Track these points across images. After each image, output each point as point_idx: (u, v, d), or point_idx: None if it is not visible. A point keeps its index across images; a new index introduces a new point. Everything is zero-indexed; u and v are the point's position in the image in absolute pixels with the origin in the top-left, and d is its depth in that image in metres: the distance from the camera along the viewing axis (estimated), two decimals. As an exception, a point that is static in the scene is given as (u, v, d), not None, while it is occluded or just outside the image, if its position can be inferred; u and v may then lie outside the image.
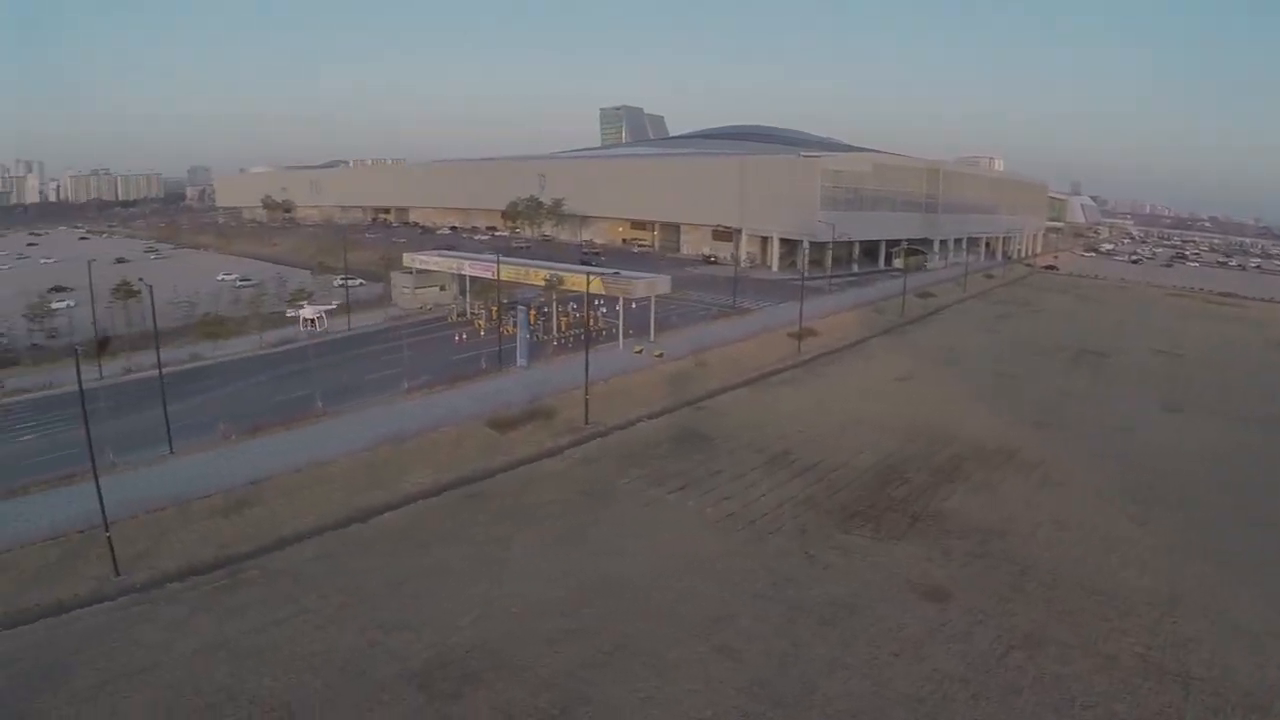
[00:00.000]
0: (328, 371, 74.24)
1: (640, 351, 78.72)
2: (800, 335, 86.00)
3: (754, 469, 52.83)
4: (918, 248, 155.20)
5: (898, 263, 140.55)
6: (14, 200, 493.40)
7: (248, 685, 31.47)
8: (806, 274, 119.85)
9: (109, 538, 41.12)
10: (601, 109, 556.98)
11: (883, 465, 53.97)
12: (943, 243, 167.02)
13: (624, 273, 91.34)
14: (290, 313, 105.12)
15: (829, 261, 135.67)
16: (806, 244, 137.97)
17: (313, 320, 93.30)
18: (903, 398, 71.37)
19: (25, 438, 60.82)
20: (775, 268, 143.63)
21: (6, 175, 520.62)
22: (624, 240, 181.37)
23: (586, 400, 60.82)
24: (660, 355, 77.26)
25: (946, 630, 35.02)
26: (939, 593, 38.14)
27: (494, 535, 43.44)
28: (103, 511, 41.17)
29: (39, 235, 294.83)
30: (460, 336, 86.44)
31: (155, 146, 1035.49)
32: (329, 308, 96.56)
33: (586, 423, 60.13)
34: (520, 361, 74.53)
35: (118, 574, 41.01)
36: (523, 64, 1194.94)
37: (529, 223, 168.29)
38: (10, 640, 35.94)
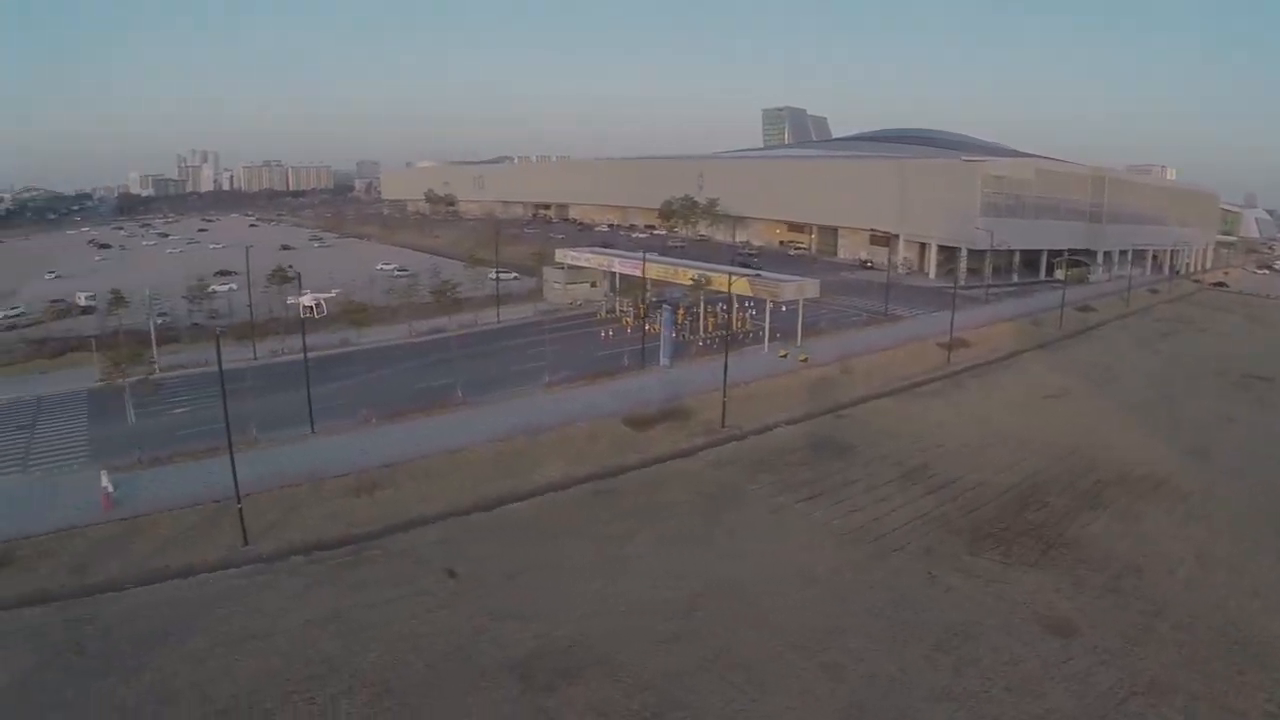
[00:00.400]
0: (472, 362, 77.92)
1: (785, 355, 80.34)
2: (951, 345, 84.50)
3: (888, 482, 52.84)
4: (1080, 259, 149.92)
5: (1059, 274, 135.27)
6: (189, 189, 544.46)
7: (353, 659, 33.61)
8: (963, 282, 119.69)
9: (240, 509, 45.25)
10: (764, 110, 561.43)
11: (1022, 486, 52.18)
12: (1106, 254, 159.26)
13: (772, 274, 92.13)
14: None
15: (988, 270, 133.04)
16: (964, 251, 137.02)
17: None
18: (1052, 416, 69.28)
19: (177, 411, 66.86)
20: (932, 275, 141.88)
21: (184, 165, 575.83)
22: (781, 243, 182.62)
23: (724, 402, 62.01)
24: (805, 360, 78.24)
25: (1066, 668, 33.86)
26: (1064, 627, 36.52)
27: (616, 532, 44.58)
28: (235, 484, 45.33)
29: (210, 221, 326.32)
30: (607, 333, 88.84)
31: (326, 141, 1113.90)
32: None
33: (723, 425, 61.28)
34: (663, 361, 75.79)
35: (246, 543, 44.90)
36: (687, 64, 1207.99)
37: (684, 222, 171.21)
38: (139, 597, 40.00)
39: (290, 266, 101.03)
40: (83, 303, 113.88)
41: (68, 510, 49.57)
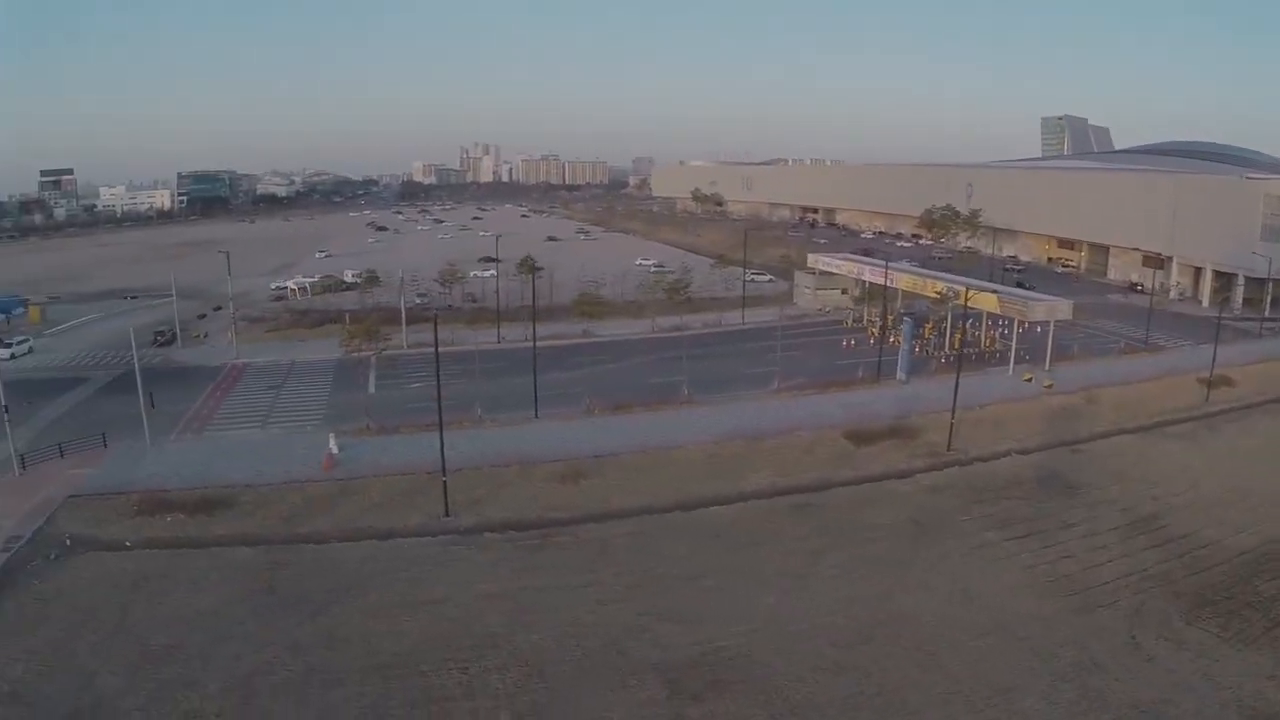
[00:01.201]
0: (707, 361, 79.49)
1: (1029, 379, 77.02)
2: (1211, 383, 75.81)
3: (1111, 529, 48.57)
4: None
5: None
6: (469, 179, 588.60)
7: (514, 638, 35.57)
8: (1236, 313, 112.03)
9: (445, 482, 49.27)
10: (1043, 118, 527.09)
11: (1260, 551, 45.60)
12: None
13: (1021, 293, 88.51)
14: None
15: (1266, 301, 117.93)
16: (1241, 279, 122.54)
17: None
18: (1313, 476, 59.83)
19: (413, 385, 72.81)
20: (1205, 303, 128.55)
21: (466, 156, 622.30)
22: (1049, 259, 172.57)
23: (953, 425, 60.50)
24: (1050, 386, 74.69)
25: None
26: (1270, 724, 31.85)
27: (807, 548, 43.98)
28: (442, 458, 49.32)
29: (485, 210, 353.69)
30: (849, 342, 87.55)
31: (605, 137, 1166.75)
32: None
33: (949, 448, 59.59)
34: (899, 375, 73.81)
35: (447, 514, 48.74)
36: (964, 68, 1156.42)
37: (944, 232, 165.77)
38: (336, 551, 44.59)
39: (531, 257, 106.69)
40: (349, 280, 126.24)
41: (292, 465, 55.86)
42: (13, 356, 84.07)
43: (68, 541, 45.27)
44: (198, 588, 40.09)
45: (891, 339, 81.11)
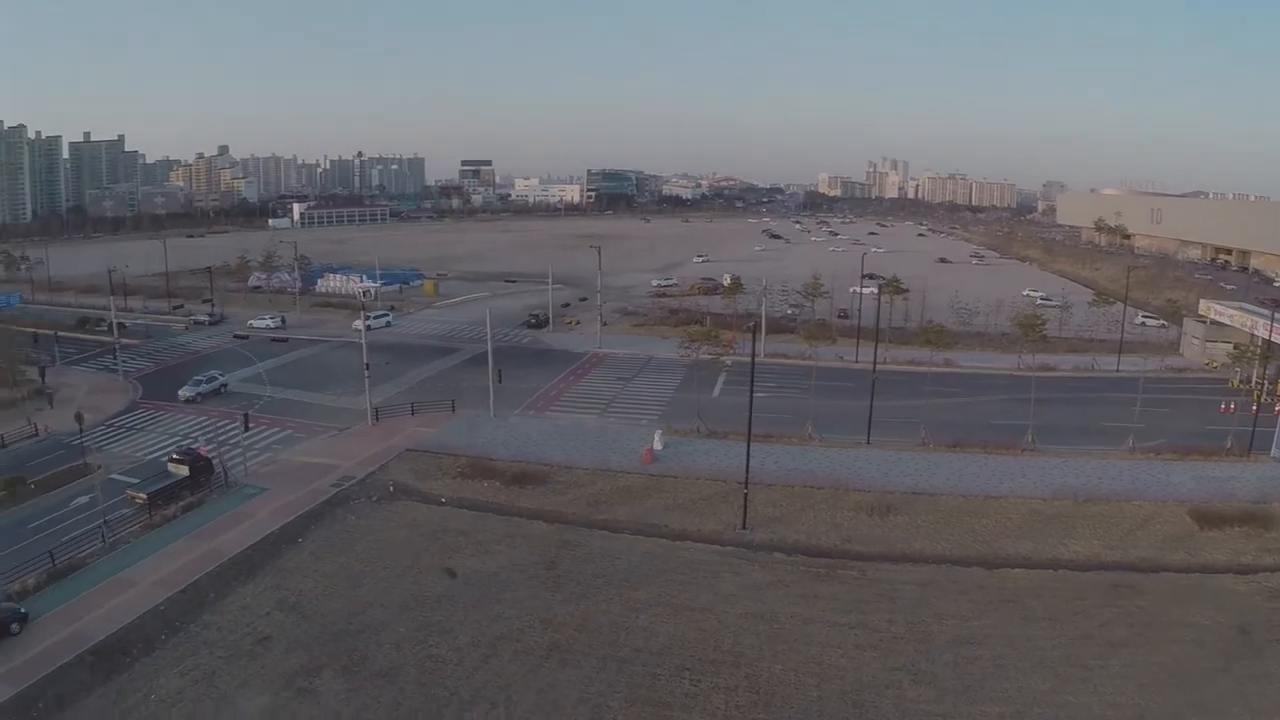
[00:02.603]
0: (1064, 407, 73.03)
1: None
2: None
3: None
4: None
5: None
6: (874, 193, 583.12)
7: (759, 662, 34.97)
8: None
9: (745, 495, 49.61)
10: None
11: None
12: None
13: None
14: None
15: None
16: None
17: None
18: None
19: (758, 395, 72.29)
20: None
21: (872, 170, 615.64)
22: None
23: None
24: None
25: None
26: None
27: (1106, 637, 38.12)
28: (746, 471, 49.90)
29: (883, 226, 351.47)
30: (1228, 405, 75.49)
31: (1014, 159, 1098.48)
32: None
33: None
34: (1275, 452, 62.25)
35: (743, 527, 48.97)
36: None
37: None
38: (624, 543, 46.67)
39: (866, 277, 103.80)
40: (727, 283, 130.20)
41: (613, 455, 59.06)
42: (368, 328, 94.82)
43: (391, 488, 51.42)
44: (486, 550, 43.80)
45: (1278, 409, 69.18)
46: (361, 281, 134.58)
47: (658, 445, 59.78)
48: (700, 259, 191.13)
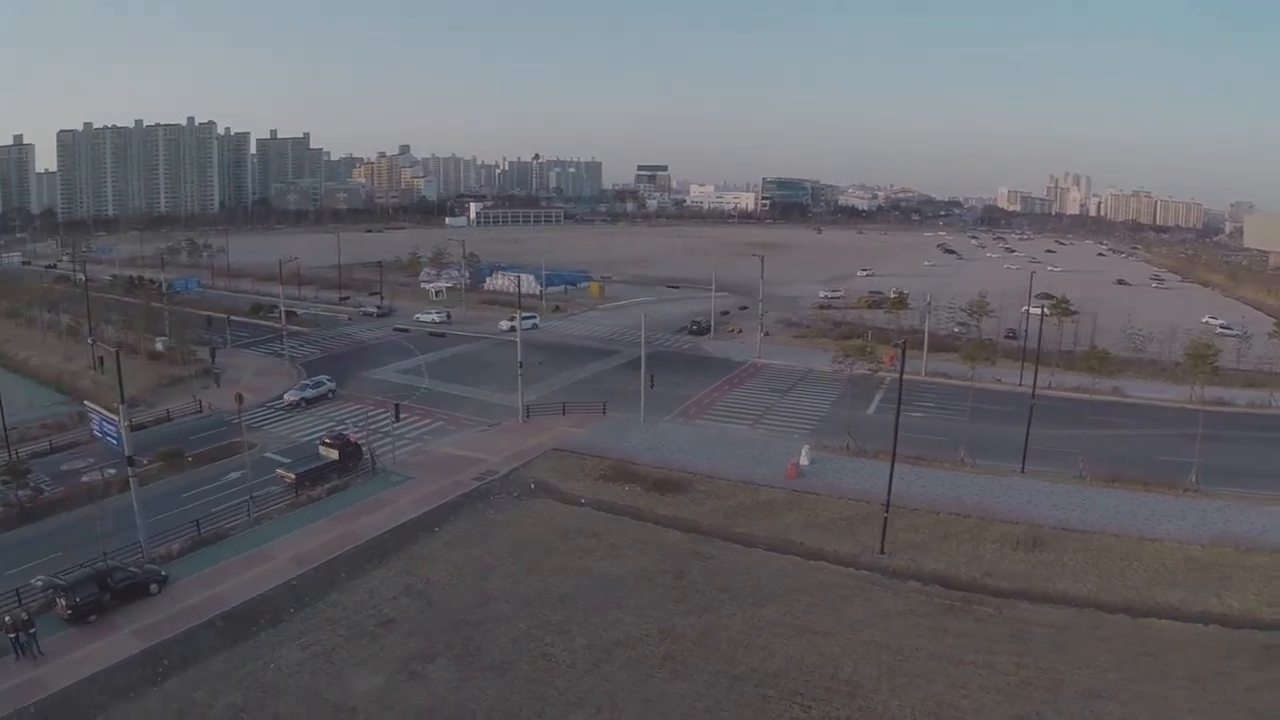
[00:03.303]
0: (1235, 445, 67.24)
1: None
2: None
3: None
4: None
5: None
6: (1054, 209, 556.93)
7: (874, 694, 34.01)
8: None
9: (885, 519, 48.28)
10: None
11: None
12: None
13: None
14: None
15: None
16: None
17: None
18: None
19: (913, 414, 69.90)
20: None
21: (1053, 185, 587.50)
22: None
23: None
24: None
25: None
26: None
27: (1248, 704, 33.70)
28: (888, 494, 48.44)
29: (1062, 244, 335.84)
30: None
31: (1202, 176, 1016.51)
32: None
33: None
34: None
35: (881, 551, 47.75)
36: None
37: None
38: (753, 557, 46.56)
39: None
40: (893, 296, 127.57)
41: (758, 468, 58.80)
42: (512, 329, 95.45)
43: (532, 485, 52.87)
44: (617, 554, 44.45)
45: None
46: (531, 281, 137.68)
47: (804, 461, 59.06)
48: (864, 273, 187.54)
